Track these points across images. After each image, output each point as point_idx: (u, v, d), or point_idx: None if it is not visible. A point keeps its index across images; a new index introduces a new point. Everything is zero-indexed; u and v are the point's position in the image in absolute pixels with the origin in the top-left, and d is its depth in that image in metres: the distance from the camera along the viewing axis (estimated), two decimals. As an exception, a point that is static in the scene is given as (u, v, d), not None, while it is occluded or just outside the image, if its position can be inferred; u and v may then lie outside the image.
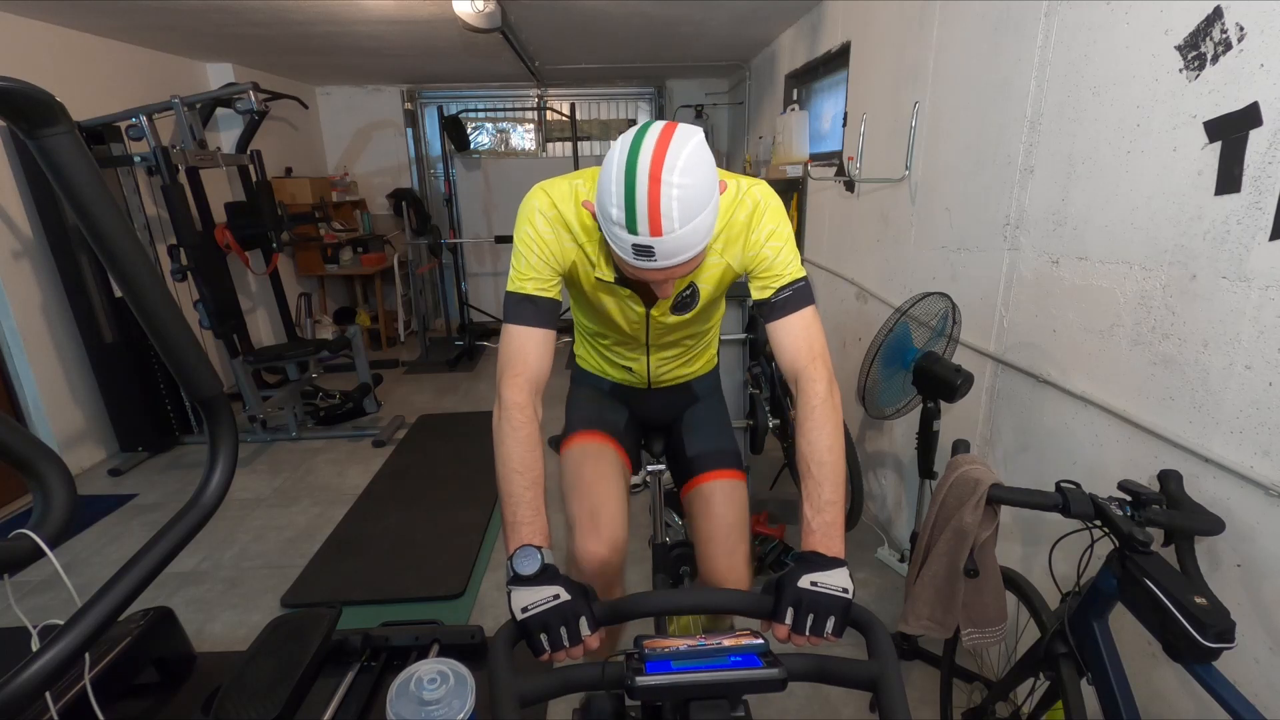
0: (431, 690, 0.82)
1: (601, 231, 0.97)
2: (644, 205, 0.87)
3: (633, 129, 0.92)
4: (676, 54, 4.72)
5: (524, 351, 1.08)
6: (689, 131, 0.91)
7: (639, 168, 0.87)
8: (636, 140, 0.89)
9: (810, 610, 0.84)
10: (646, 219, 0.88)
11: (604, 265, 1.13)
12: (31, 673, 0.78)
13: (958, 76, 2.01)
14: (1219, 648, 0.90)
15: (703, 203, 0.89)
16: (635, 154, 0.88)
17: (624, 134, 0.92)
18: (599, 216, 0.96)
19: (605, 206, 0.91)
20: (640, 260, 0.93)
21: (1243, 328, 1.13)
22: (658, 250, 0.90)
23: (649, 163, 0.87)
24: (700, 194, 0.89)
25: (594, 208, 0.98)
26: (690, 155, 0.88)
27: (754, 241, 1.10)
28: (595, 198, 0.96)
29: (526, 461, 1.00)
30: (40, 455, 0.89)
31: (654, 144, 0.88)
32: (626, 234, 0.90)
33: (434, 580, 2.39)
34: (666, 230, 0.88)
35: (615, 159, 0.89)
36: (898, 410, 2.04)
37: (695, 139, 0.90)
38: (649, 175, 0.86)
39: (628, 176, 0.87)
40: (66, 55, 3.45)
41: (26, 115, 0.77)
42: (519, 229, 1.12)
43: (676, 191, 0.86)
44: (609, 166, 0.90)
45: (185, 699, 1.87)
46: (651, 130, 0.90)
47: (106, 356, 3.44)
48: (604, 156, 0.95)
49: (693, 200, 0.88)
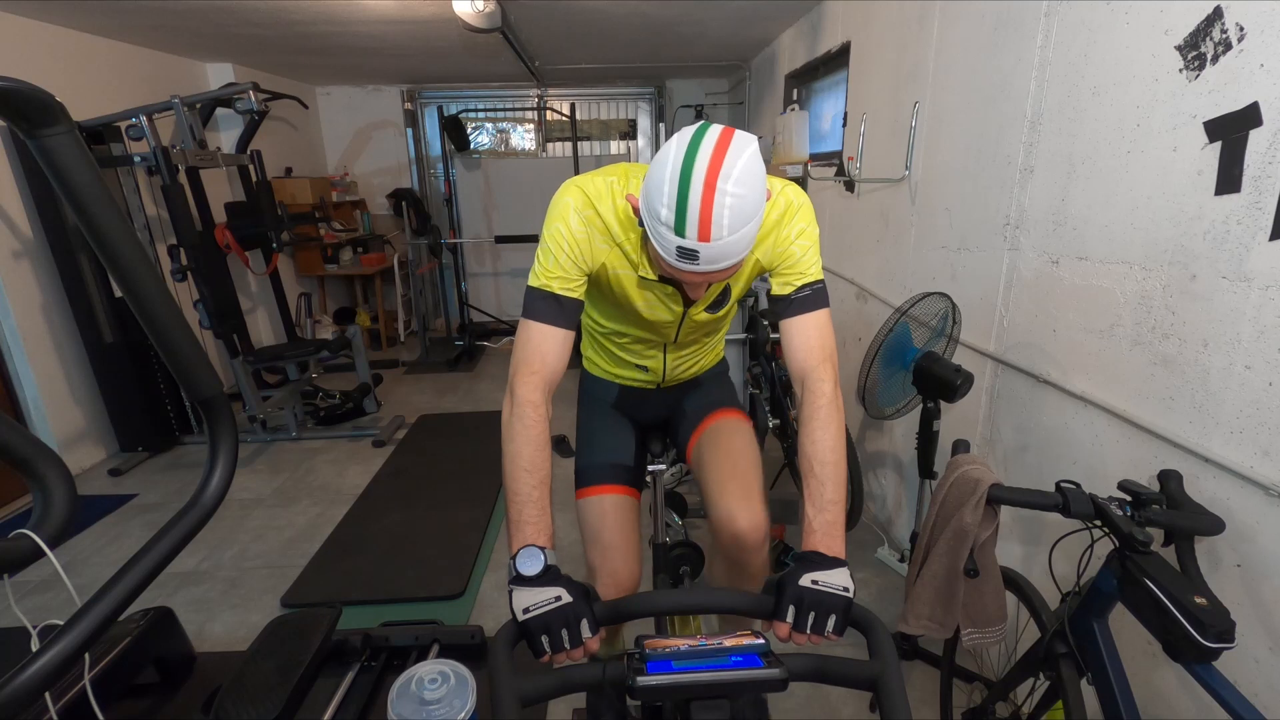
0: (432, 690, 0.82)
1: (643, 226, 0.96)
2: (695, 210, 0.86)
3: (688, 129, 0.90)
4: (676, 54, 4.72)
5: (542, 349, 1.06)
6: (746, 140, 0.89)
7: (695, 172, 0.86)
8: (694, 143, 0.88)
9: (811, 609, 0.84)
10: (697, 224, 0.87)
11: (646, 264, 1.12)
12: (31, 673, 0.79)
13: (958, 76, 2.01)
14: (1219, 648, 0.90)
15: (752, 213, 0.89)
16: (692, 156, 0.87)
17: (679, 133, 0.90)
18: (643, 212, 0.94)
19: (654, 205, 0.90)
20: (681, 262, 0.92)
21: (1243, 328, 1.13)
22: (703, 255, 0.90)
23: (705, 168, 0.86)
24: (751, 204, 0.88)
25: (637, 202, 0.97)
26: (746, 164, 0.87)
27: (784, 237, 1.11)
28: (641, 193, 0.95)
29: (536, 461, 0.99)
30: (40, 455, 0.89)
31: (711, 149, 0.87)
32: (673, 235, 0.89)
33: (434, 580, 2.39)
34: (715, 237, 0.88)
35: (670, 159, 0.88)
36: (898, 410, 2.04)
37: (751, 148, 0.89)
38: (704, 181, 0.85)
39: (682, 179, 0.86)
40: (66, 55, 3.45)
41: (26, 115, 0.77)
42: (550, 224, 1.09)
43: (730, 200, 0.86)
44: (662, 165, 0.89)
45: (185, 699, 1.87)
46: (710, 134, 0.89)
47: (106, 356, 3.44)
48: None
49: (743, 210, 0.87)
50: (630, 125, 6.43)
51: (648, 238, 0.97)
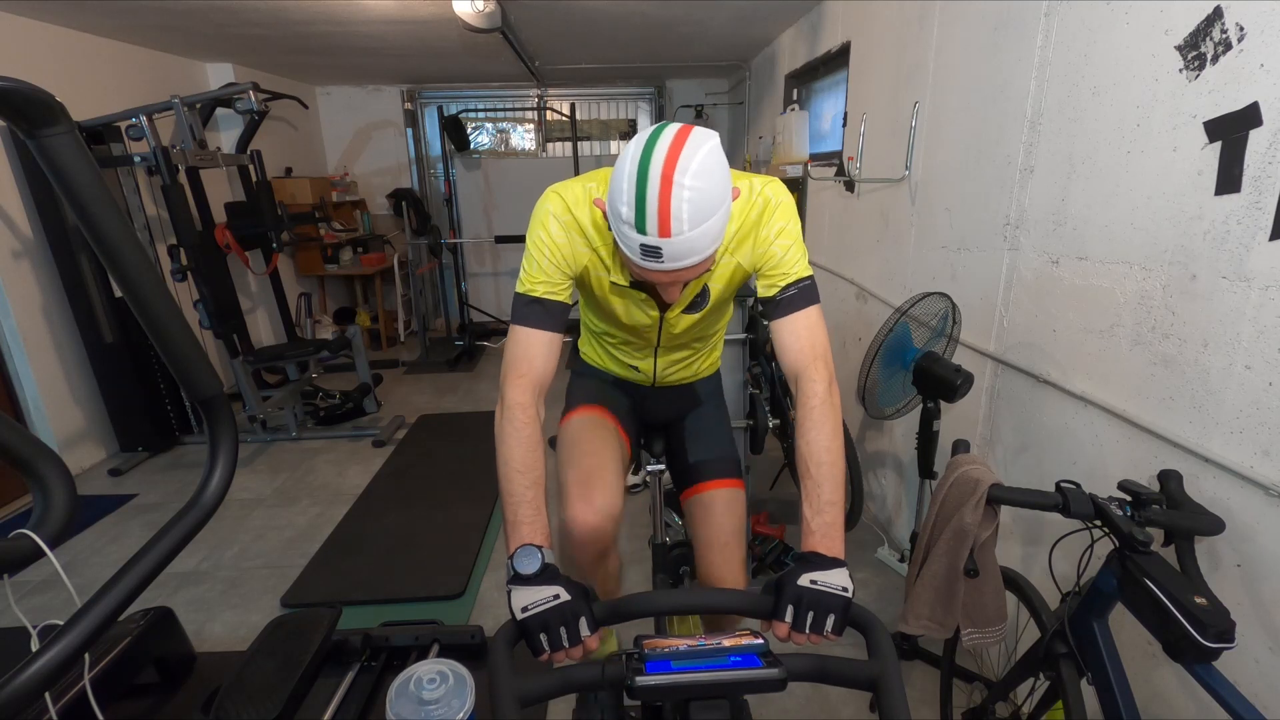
0: (431, 690, 0.82)
1: (611, 230, 0.97)
2: (654, 205, 0.87)
3: (648, 129, 0.92)
4: (676, 54, 4.72)
5: (529, 353, 1.08)
6: (704, 135, 0.90)
7: (651, 168, 0.86)
8: (650, 140, 0.89)
9: (810, 608, 0.84)
10: (656, 219, 0.87)
11: (618, 269, 1.13)
12: (31, 673, 0.79)
13: (958, 76, 2.01)
14: (1219, 648, 0.90)
15: (713, 207, 0.89)
16: (649, 154, 0.87)
17: (638, 134, 0.92)
18: (609, 214, 0.95)
19: (615, 205, 0.91)
20: (647, 261, 0.92)
21: (1243, 328, 1.13)
22: (665, 252, 0.90)
23: (662, 163, 0.86)
24: (711, 198, 0.88)
25: (605, 205, 0.98)
26: (704, 159, 0.87)
27: (763, 238, 1.10)
28: (606, 197, 0.96)
29: (528, 462, 1.00)
30: (40, 455, 0.89)
31: (668, 145, 0.87)
32: (635, 233, 0.90)
33: (434, 580, 2.39)
34: (675, 232, 0.88)
35: (628, 158, 0.89)
36: (898, 410, 2.04)
37: (710, 143, 0.89)
38: (661, 176, 0.86)
39: (639, 176, 0.87)
40: (66, 55, 3.45)
41: (26, 115, 0.77)
42: (532, 231, 1.11)
43: (688, 194, 0.86)
44: (621, 165, 0.90)
45: (185, 699, 1.87)
46: (666, 131, 0.90)
47: (106, 356, 3.44)
48: (604, 157, 0.94)
49: (703, 204, 0.87)
50: (630, 125, 6.43)
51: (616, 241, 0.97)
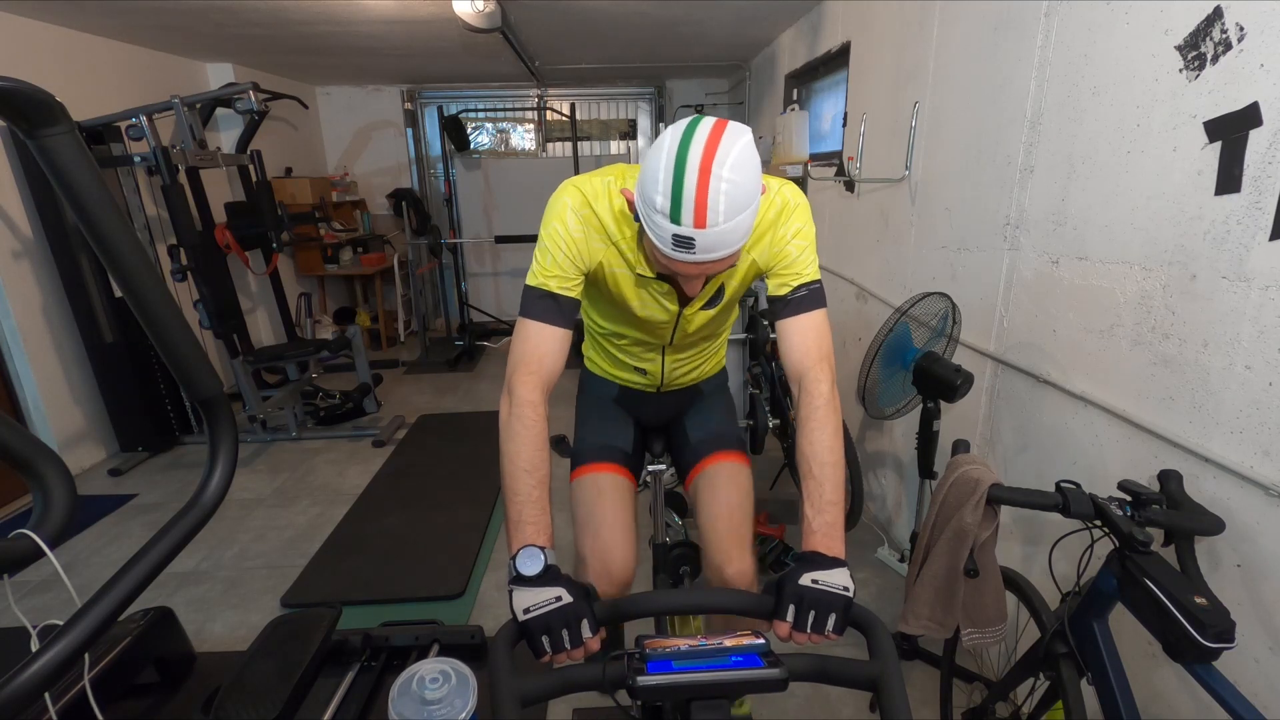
0: (434, 689, 0.82)
1: (639, 222, 0.96)
2: (691, 195, 0.86)
3: (683, 121, 0.91)
4: (676, 54, 4.72)
5: (540, 349, 1.06)
6: (740, 129, 0.90)
7: (690, 158, 0.86)
8: (689, 131, 0.89)
9: (811, 607, 0.84)
10: (692, 210, 0.87)
11: (644, 262, 1.12)
12: (31, 673, 0.78)
13: (958, 76, 2.01)
14: (1219, 648, 0.90)
15: (747, 200, 0.89)
16: (687, 144, 0.87)
17: (673, 124, 0.91)
18: (639, 204, 0.94)
19: (649, 194, 0.90)
20: (677, 251, 0.92)
21: (1243, 328, 1.13)
22: (698, 243, 0.89)
23: (700, 154, 0.86)
24: (746, 191, 0.88)
25: (632, 195, 0.97)
26: (741, 152, 0.87)
27: (780, 237, 1.11)
28: (636, 186, 0.95)
29: (535, 461, 0.99)
30: (40, 455, 0.89)
31: (706, 136, 0.87)
32: (669, 223, 0.89)
33: (434, 580, 2.39)
34: (711, 223, 0.87)
35: (665, 147, 0.89)
36: (898, 410, 2.04)
37: (746, 137, 0.89)
38: (699, 166, 0.86)
39: (677, 165, 0.86)
40: (66, 55, 3.45)
41: (26, 115, 0.76)
42: (547, 224, 1.10)
43: (725, 186, 0.86)
44: (657, 154, 0.90)
45: (185, 699, 1.87)
46: (704, 123, 0.89)
47: (106, 356, 3.44)
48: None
49: (739, 196, 0.87)
50: (630, 125, 6.43)
51: (644, 232, 0.97)
